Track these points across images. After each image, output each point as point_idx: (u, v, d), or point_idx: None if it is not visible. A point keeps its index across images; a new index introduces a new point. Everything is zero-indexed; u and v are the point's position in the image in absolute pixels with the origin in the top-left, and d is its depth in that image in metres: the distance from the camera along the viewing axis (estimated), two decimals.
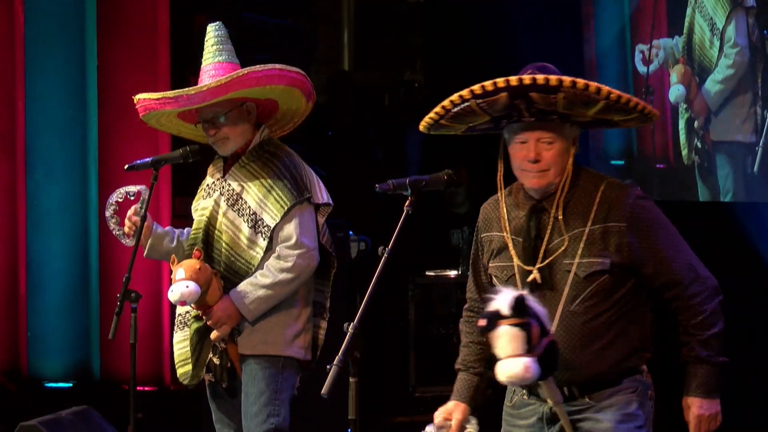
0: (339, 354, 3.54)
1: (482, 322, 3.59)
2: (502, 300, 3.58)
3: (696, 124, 6.88)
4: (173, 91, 4.88)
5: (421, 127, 3.87)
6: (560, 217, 3.79)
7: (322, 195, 4.96)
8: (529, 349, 3.54)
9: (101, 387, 7.42)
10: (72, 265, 7.24)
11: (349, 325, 3.58)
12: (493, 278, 3.93)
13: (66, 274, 7.45)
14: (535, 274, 3.79)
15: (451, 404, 3.97)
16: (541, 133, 3.76)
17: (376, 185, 3.84)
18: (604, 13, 7.81)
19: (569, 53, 7.44)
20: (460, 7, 8.52)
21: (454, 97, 3.69)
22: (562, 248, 3.78)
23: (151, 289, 7.13)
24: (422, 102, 8.81)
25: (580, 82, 3.62)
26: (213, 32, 4.98)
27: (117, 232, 5.04)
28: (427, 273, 8.58)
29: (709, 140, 6.96)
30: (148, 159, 5.07)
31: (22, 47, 7.43)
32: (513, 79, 3.62)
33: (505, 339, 3.56)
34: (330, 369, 3.52)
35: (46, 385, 7.46)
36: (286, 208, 4.82)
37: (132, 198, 5.02)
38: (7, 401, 7.22)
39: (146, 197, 4.98)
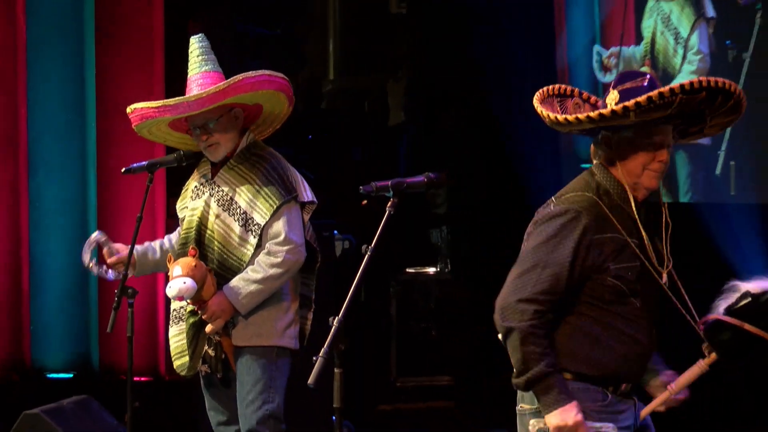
0: (325, 346, 3.58)
1: None
2: None
3: None
4: (172, 99, 4.93)
5: (586, 117, 3.70)
6: (669, 220, 3.82)
7: (307, 194, 5.04)
8: None
9: (100, 377, 7.44)
10: (72, 262, 7.00)
11: (334, 319, 3.62)
12: (611, 280, 3.70)
13: (66, 272, 7.41)
14: (666, 277, 3.77)
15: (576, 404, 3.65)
16: (673, 139, 3.77)
17: (360, 187, 3.87)
18: (575, 21, 7.80)
19: (544, 61, 7.50)
20: (441, 17, 8.48)
21: (665, 89, 3.57)
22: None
23: (146, 286, 7.10)
24: (408, 106, 8.93)
25: (741, 91, 3.67)
26: (197, 44, 5.03)
27: (112, 274, 5.18)
28: (408, 270, 8.60)
29: None
30: (144, 162, 5.17)
31: (24, 54, 7.38)
32: (712, 80, 3.59)
33: None
34: (316, 360, 3.56)
35: (48, 375, 7.45)
36: (275, 207, 4.91)
37: (101, 242, 5.17)
38: (11, 391, 7.23)
39: (102, 239, 5.16)
